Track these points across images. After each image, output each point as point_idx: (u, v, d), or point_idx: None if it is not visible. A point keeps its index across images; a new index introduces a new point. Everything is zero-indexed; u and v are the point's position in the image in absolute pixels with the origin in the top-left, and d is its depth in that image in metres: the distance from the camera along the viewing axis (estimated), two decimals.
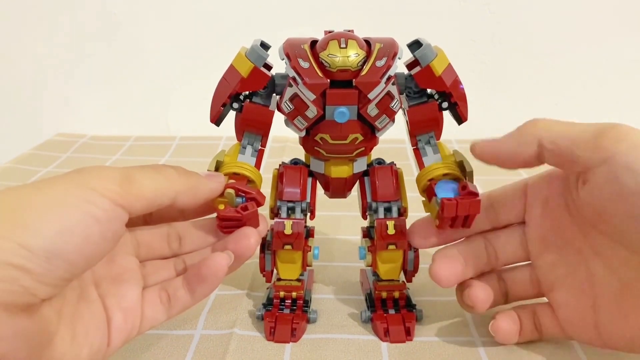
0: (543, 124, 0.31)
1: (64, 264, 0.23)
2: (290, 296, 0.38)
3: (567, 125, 0.30)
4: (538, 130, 0.31)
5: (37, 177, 0.64)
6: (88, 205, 0.24)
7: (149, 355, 0.35)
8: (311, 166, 0.38)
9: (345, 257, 0.46)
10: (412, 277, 0.38)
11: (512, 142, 0.32)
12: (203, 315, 0.38)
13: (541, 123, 0.31)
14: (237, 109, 0.36)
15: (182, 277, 0.31)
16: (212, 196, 0.32)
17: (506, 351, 0.35)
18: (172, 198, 0.29)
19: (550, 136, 0.30)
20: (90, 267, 0.25)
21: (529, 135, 0.31)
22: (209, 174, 0.33)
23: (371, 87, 0.33)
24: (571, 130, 0.30)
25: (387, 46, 0.33)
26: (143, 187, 0.27)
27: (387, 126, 0.35)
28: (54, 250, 0.23)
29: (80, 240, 0.24)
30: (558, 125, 0.31)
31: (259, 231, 0.33)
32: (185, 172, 0.31)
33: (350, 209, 0.42)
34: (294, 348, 0.35)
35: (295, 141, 0.39)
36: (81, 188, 0.25)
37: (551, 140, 0.30)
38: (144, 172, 0.28)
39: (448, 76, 0.34)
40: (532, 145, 0.31)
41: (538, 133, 0.31)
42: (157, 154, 0.72)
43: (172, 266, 0.33)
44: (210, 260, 0.30)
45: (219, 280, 0.31)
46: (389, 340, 0.36)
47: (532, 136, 0.31)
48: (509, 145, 0.32)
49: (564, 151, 0.30)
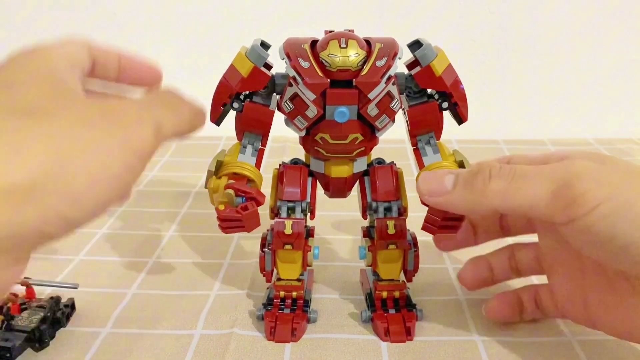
0: (493, 192, 0.29)
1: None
2: (290, 296, 0.38)
3: (520, 186, 0.28)
4: (490, 200, 0.29)
5: None
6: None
7: (149, 355, 0.35)
8: (311, 166, 0.38)
9: (345, 257, 0.46)
10: (413, 277, 0.38)
11: (464, 201, 0.30)
12: (203, 315, 0.38)
13: (491, 190, 0.29)
14: (237, 109, 0.36)
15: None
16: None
17: (506, 351, 0.35)
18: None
19: (504, 206, 0.29)
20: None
21: (482, 204, 0.29)
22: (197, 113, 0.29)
23: (371, 87, 0.33)
24: (525, 195, 0.28)
25: (387, 46, 0.33)
26: (167, 135, 0.26)
27: (387, 126, 0.35)
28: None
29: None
30: (511, 190, 0.28)
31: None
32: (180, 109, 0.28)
33: (350, 209, 0.42)
34: (294, 348, 0.35)
35: (295, 141, 0.39)
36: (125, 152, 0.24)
37: (506, 209, 0.29)
38: (169, 122, 0.27)
39: (448, 76, 0.34)
40: (486, 209, 0.30)
41: (490, 203, 0.29)
42: (157, 154, 0.71)
43: None
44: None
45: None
46: (389, 340, 0.36)
47: (486, 205, 0.29)
48: (462, 202, 0.30)
49: (523, 216, 0.29)
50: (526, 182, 0.28)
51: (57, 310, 0.37)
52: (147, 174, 0.65)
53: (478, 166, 0.30)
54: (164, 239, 0.50)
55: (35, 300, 0.38)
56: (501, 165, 0.29)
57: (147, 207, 0.56)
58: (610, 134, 0.76)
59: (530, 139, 0.74)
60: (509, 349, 0.35)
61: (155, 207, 0.56)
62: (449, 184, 0.31)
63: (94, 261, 0.46)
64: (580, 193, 0.26)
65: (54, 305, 0.36)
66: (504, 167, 0.29)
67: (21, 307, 0.36)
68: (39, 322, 0.35)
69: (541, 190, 0.27)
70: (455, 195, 0.30)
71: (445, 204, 0.31)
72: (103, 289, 0.42)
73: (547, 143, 0.73)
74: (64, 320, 0.37)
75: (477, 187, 0.29)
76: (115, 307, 0.39)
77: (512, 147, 0.72)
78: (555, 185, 0.27)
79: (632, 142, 0.74)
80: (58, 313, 0.36)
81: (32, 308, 0.36)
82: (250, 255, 0.46)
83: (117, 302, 0.40)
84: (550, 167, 0.28)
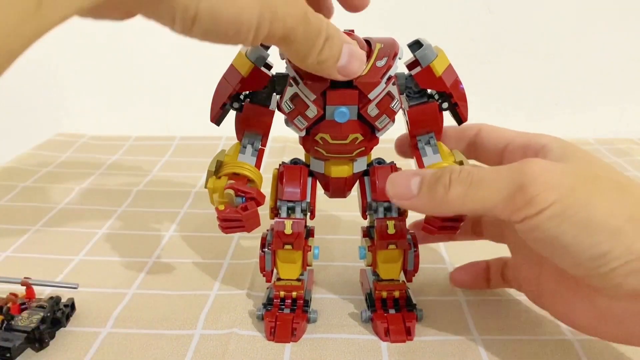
0: (453, 198, 0.30)
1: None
2: (290, 296, 0.38)
3: (478, 191, 0.29)
4: (451, 206, 0.30)
5: (37, 177, 0.64)
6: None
7: (149, 355, 0.35)
8: (311, 166, 0.38)
9: (345, 257, 0.46)
10: (413, 277, 0.38)
11: (428, 205, 0.31)
12: (203, 315, 0.38)
13: (451, 196, 0.30)
14: (237, 109, 0.36)
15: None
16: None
17: (506, 351, 0.35)
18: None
19: (464, 210, 0.30)
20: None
21: (444, 209, 0.31)
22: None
23: (371, 87, 0.33)
24: (482, 199, 0.29)
25: (387, 46, 0.33)
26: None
27: (387, 126, 0.35)
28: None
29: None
30: (469, 195, 0.29)
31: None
32: None
33: (350, 209, 0.42)
34: (294, 348, 0.35)
35: (295, 141, 0.39)
36: None
37: (466, 212, 0.31)
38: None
39: (448, 77, 0.34)
40: (449, 213, 0.32)
41: (451, 208, 0.30)
42: (157, 154, 0.72)
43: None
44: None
45: None
46: (389, 340, 0.36)
47: (448, 210, 0.31)
48: (426, 207, 0.32)
49: (481, 214, 0.31)
50: (483, 186, 0.29)
51: (57, 310, 0.37)
52: (147, 174, 0.65)
53: (441, 170, 0.31)
54: (164, 239, 0.50)
55: (35, 300, 0.38)
56: (461, 170, 0.30)
57: (147, 207, 0.56)
58: (610, 134, 0.76)
59: None
60: (509, 348, 0.35)
61: (155, 207, 0.56)
62: (414, 187, 0.31)
63: (94, 261, 0.46)
64: (532, 196, 0.28)
65: (54, 305, 0.36)
66: (463, 171, 0.30)
67: (21, 307, 0.36)
68: (39, 322, 0.35)
69: (497, 195, 0.29)
70: (420, 200, 0.31)
71: (411, 208, 0.32)
72: (103, 289, 0.42)
73: None
74: (64, 320, 0.37)
75: (438, 193, 0.30)
76: (115, 307, 0.39)
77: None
78: (509, 189, 0.28)
79: (632, 142, 0.74)
80: (58, 313, 0.36)
81: (32, 308, 0.36)
82: (250, 255, 0.46)
83: (117, 302, 0.40)
84: (506, 170, 0.29)
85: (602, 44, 0.78)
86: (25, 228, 0.51)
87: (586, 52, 0.79)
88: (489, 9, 0.77)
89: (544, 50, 0.79)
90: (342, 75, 0.31)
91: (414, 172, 0.32)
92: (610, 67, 0.79)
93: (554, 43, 0.79)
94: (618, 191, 0.29)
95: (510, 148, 0.36)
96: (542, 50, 0.79)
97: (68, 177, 0.64)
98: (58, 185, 0.61)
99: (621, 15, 0.77)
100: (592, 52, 0.79)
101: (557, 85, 0.80)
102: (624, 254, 0.27)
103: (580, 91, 0.80)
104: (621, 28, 0.78)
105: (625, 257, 0.27)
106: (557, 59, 0.79)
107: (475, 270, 0.41)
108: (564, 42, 0.78)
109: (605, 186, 0.29)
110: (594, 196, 0.28)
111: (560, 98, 0.80)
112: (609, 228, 0.27)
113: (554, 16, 0.77)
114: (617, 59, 0.79)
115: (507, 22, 0.78)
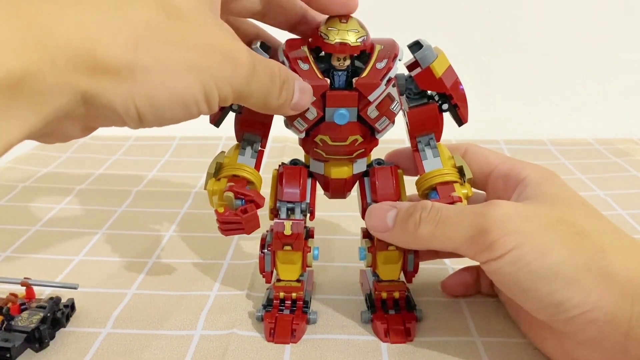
0: (422, 235, 0.31)
1: None
2: (290, 297, 0.38)
3: (444, 231, 0.31)
4: (420, 242, 0.32)
5: (37, 177, 0.64)
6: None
7: (149, 355, 0.35)
8: (311, 167, 0.38)
9: (345, 258, 0.46)
10: (412, 278, 0.38)
11: (401, 240, 0.33)
12: (203, 316, 0.38)
13: (420, 233, 0.31)
14: (236, 110, 0.36)
15: None
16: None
17: (506, 352, 0.35)
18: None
19: (432, 247, 0.32)
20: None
21: (415, 244, 0.33)
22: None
23: (371, 89, 0.33)
24: (448, 239, 0.31)
25: (387, 48, 0.33)
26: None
27: (387, 128, 0.35)
28: None
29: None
30: (437, 234, 0.31)
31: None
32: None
33: (350, 209, 0.42)
34: (294, 349, 0.35)
35: (295, 141, 0.39)
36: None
37: (435, 248, 0.32)
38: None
39: (448, 78, 0.34)
40: (420, 247, 0.34)
41: (421, 244, 0.32)
42: (157, 154, 0.72)
43: None
44: None
45: None
46: (389, 341, 0.36)
47: (418, 245, 0.33)
48: (400, 241, 0.34)
49: (450, 251, 0.32)
50: (448, 227, 0.31)
51: (57, 311, 0.37)
52: (147, 174, 0.65)
53: (413, 207, 0.32)
54: (164, 239, 0.50)
55: (35, 301, 0.38)
56: (431, 208, 0.31)
57: (147, 207, 0.56)
58: (610, 134, 0.76)
59: (530, 139, 0.74)
60: (509, 349, 0.35)
61: (155, 207, 0.56)
62: (390, 221, 0.33)
63: (94, 261, 0.46)
64: (493, 240, 0.29)
65: (54, 306, 0.36)
66: (432, 209, 0.31)
67: (21, 307, 0.36)
68: (39, 323, 0.35)
69: (461, 236, 0.30)
70: (394, 234, 0.33)
71: (388, 240, 0.34)
72: (103, 289, 0.42)
73: (547, 143, 0.73)
74: (63, 321, 0.37)
75: (409, 230, 0.32)
76: (115, 307, 0.39)
77: (512, 147, 0.72)
78: (472, 231, 0.30)
79: (632, 142, 0.74)
80: (58, 313, 0.36)
81: (32, 308, 0.36)
82: (250, 256, 0.46)
83: (117, 302, 0.40)
84: (470, 212, 0.30)
85: (602, 44, 0.78)
86: (25, 228, 0.51)
87: (586, 52, 0.79)
88: (490, 9, 0.77)
89: (544, 50, 0.79)
90: (294, 111, 0.32)
91: (391, 205, 0.34)
92: (610, 67, 0.79)
93: (554, 43, 0.78)
94: (578, 238, 0.29)
95: (494, 176, 0.36)
96: (542, 50, 0.79)
97: (68, 178, 0.64)
98: (58, 186, 0.61)
99: (621, 15, 0.77)
100: (592, 52, 0.79)
101: (557, 85, 0.80)
102: (581, 304, 0.27)
103: (580, 91, 0.80)
104: (621, 28, 0.78)
105: (582, 307, 0.27)
106: (557, 59, 0.79)
107: (465, 280, 0.40)
108: (564, 42, 0.78)
109: (565, 232, 0.29)
110: (553, 243, 0.28)
111: (560, 98, 0.80)
112: (564, 277, 0.28)
113: (554, 16, 0.77)
114: (617, 59, 0.79)
115: (507, 22, 0.78)
